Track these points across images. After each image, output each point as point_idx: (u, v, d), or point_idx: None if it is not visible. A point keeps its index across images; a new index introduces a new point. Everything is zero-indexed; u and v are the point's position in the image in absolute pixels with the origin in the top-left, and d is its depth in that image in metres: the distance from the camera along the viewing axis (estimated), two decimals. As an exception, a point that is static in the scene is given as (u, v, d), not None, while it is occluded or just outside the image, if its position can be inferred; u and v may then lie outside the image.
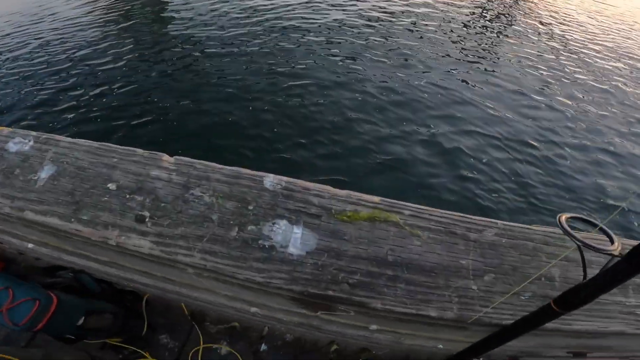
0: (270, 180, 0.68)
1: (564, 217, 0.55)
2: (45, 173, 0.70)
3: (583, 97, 4.12)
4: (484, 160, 2.93)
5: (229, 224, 0.64)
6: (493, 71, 4.51)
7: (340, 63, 4.31)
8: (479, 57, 4.89)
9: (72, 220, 0.65)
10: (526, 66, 4.77)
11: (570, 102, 4.04)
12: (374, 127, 3.23)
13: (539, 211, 2.46)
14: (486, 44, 5.43)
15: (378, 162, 2.80)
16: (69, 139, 0.76)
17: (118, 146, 0.74)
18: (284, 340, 1.54)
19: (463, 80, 4.21)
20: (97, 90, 3.74)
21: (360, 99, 3.59)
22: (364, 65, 4.27)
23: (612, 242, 0.54)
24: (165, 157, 0.72)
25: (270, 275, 0.60)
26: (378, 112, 3.47)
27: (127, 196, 0.67)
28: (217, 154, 2.80)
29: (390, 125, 3.28)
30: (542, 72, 4.73)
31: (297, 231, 0.64)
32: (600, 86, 4.53)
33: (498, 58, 4.98)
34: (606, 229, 0.55)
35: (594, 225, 0.56)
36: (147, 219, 0.64)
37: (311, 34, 5.02)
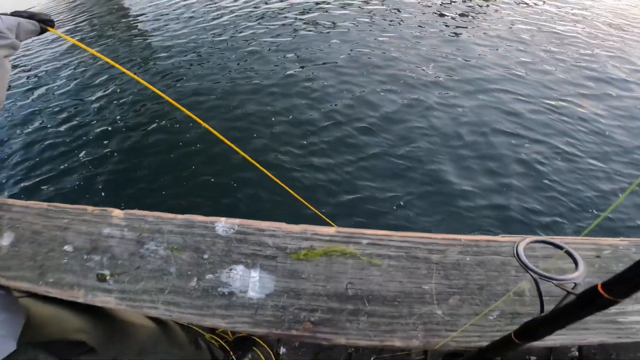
0: (222, 225, 0.69)
1: (522, 244, 0.53)
2: (6, 241, 0.73)
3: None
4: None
5: (187, 275, 0.66)
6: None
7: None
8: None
9: (40, 283, 0.69)
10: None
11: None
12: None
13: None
14: None
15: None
16: (20, 202, 0.77)
17: (68, 205, 0.75)
18: (302, 341, 1.65)
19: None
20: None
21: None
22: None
23: (577, 267, 0.52)
24: (115, 212, 0.73)
25: (233, 321, 0.62)
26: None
27: (85, 257, 0.69)
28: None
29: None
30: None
31: (255, 275, 0.65)
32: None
33: None
34: (572, 252, 0.53)
35: (561, 247, 0.54)
36: (107, 277, 0.67)
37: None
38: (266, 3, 6.00)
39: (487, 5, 5.77)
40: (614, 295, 0.39)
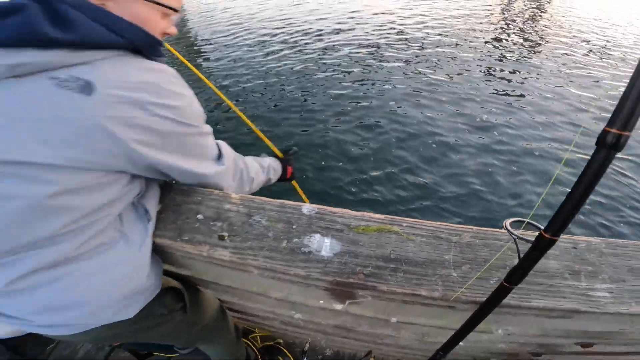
0: (307, 207, 1.01)
1: (509, 220, 0.83)
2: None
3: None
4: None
5: (280, 238, 0.97)
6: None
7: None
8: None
9: (178, 239, 1.01)
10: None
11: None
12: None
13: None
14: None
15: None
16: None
17: (200, 188, 1.11)
18: (324, 355, 1.87)
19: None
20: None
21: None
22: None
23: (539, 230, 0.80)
24: (234, 195, 1.08)
25: (309, 270, 0.91)
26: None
27: (211, 223, 1.02)
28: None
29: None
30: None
31: (327, 241, 0.95)
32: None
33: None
34: (534, 223, 0.80)
35: (524, 221, 0.82)
36: (225, 238, 0.99)
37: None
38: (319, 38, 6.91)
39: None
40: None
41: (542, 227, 0.77)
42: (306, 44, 7.24)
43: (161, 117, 0.77)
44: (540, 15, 9.86)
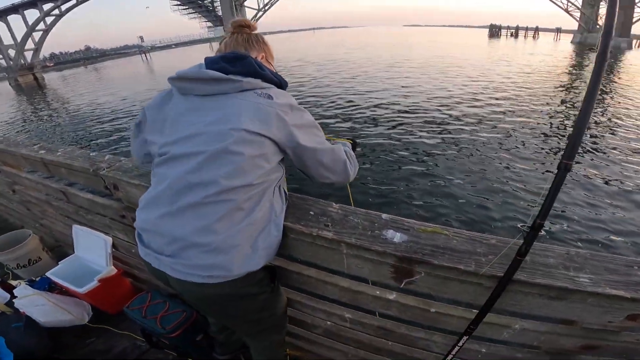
0: (385, 216, 1.58)
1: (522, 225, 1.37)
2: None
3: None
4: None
5: (367, 229, 1.51)
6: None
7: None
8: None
9: (296, 224, 1.57)
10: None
11: None
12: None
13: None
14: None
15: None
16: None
17: (309, 197, 1.71)
18: None
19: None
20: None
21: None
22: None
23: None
24: (334, 204, 1.67)
25: (386, 247, 1.42)
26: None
27: (320, 217, 1.59)
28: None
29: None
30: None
31: (398, 234, 1.49)
32: None
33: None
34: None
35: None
36: (330, 226, 1.55)
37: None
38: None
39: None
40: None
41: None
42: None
43: (298, 116, 1.33)
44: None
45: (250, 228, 1.27)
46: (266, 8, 70.44)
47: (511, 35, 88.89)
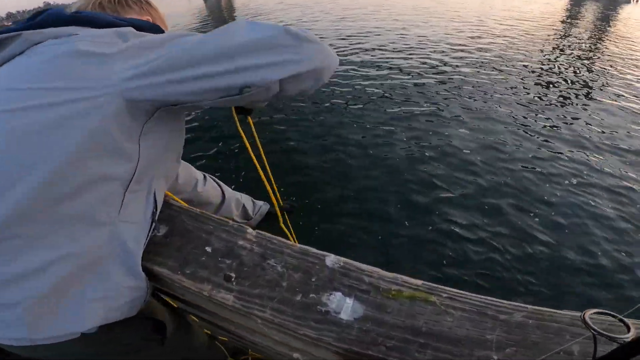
0: (331, 259, 0.92)
1: (589, 312, 0.72)
2: (161, 232, 1.01)
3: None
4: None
5: (295, 290, 0.88)
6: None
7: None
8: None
9: (178, 272, 0.94)
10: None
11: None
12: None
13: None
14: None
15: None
16: (179, 203, 1.08)
17: (215, 215, 1.04)
18: None
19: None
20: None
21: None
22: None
23: (628, 330, 0.68)
24: (249, 230, 1.00)
25: (322, 332, 0.81)
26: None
27: (219, 258, 0.94)
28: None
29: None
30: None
31: (349, 302, 0.85)
32: None
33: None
34: (625, 320, 0.69)
35: (614, 316, 0.71)
36: (232, 279, 0.90)
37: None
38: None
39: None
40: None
41: (629, 325, 0.67)
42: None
43: None
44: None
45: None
46: None
47: None
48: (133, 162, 0.85)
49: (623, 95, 6.30)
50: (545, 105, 5.84)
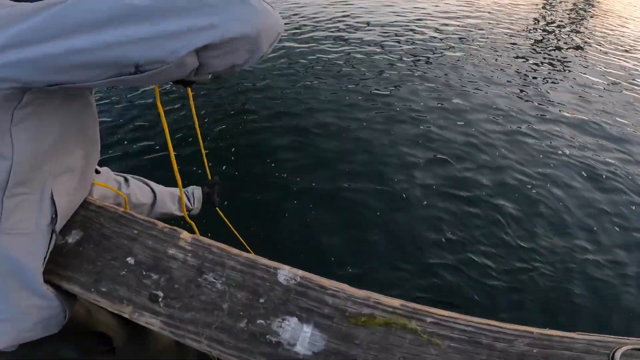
0: (285, 273, 0.73)
1: (620, 350, 0.56)
2: (72, 238, 0.80)
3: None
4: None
5: (238, 315, 0.69)
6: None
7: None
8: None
9: (92, 290, 0.74)
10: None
11: None
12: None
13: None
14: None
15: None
16: (98, 202, 0.86)
17: (141, 216, 0.82)
18: None
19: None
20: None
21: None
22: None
23: None
24: (184, 234, 0.79)
25: (272, 374, 0.63)
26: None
27: (144, 273, 0.74)
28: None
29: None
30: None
31: (307, 330, 0.67)
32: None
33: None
34: None
35: None
36: (160, 299, 0.71)
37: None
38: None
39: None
40: None
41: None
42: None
43: None
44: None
45: None
46: None
47: None
48: (7, 160, 0.63)
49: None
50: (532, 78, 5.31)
